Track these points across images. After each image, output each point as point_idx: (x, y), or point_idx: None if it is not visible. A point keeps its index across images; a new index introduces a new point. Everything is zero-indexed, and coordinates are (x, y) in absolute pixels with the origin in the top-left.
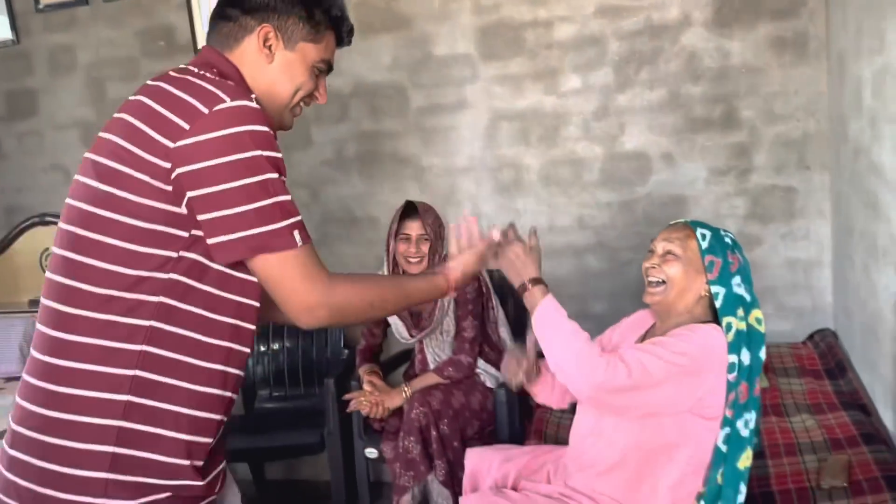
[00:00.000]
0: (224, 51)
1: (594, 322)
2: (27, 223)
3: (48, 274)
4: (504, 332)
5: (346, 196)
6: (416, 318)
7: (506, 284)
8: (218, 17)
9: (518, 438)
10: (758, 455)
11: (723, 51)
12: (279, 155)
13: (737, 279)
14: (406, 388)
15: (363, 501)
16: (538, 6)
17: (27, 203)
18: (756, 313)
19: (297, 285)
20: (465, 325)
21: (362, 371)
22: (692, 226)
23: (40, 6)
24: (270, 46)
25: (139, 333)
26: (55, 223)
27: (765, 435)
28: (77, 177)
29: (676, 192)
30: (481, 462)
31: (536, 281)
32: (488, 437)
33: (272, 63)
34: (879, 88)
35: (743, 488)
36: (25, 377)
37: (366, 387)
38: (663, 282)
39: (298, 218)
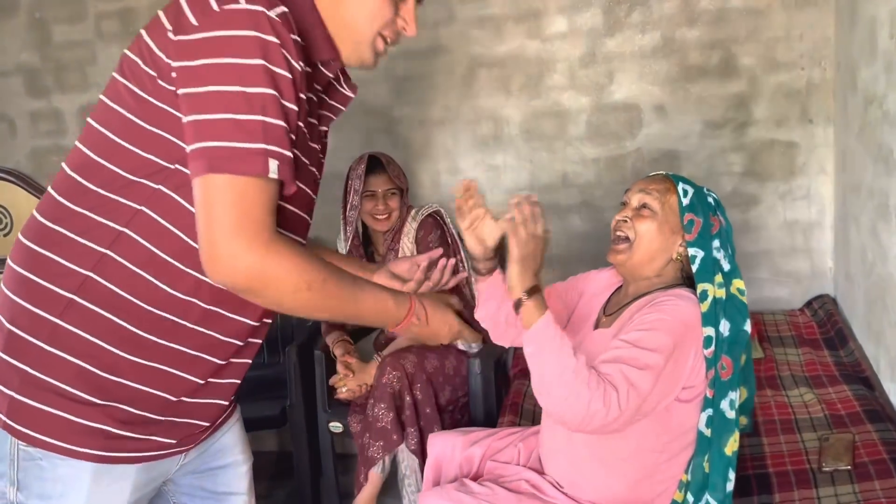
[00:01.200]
0: None
1: None
2: None
3: (62, 164)
4: (475, 287)
5: None
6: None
7: None
8: None
9: (492, 413)
10: (752, 432)
11: None
12: (288, 75)
13: (716, 242)
14: (377, 362)
15: (328, 475)
16: None
17: None
18: (738, 283)
19: (225, 221)
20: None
21: (331, 342)
22: (673, 179)
23: None
24: None
25: (107, 237)
26: (2, 178)
27: (759, 410)
28: (113, 73)
29: (668, 146)
30: (444, 447)
31: (533, 290)
32: (462, 405)
33: None
34: None
35: (732, 475)
36: (9, 262)
37: (339, 368)
38: (628, 239)
39: (283, 150)
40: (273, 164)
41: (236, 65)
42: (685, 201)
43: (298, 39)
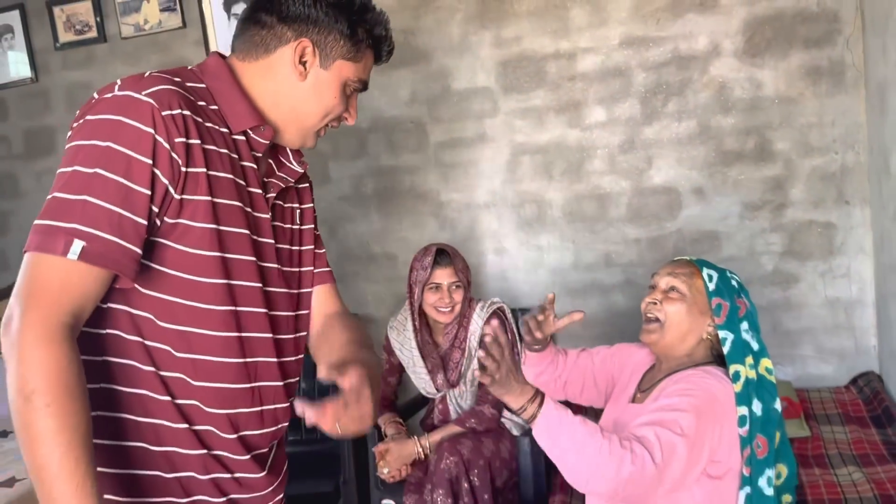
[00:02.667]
0: (248, 58)
1: None
2: None
3: None
4: (529, 378)
5: (363, 233)
6: (443, 371)
7: None
8: (249, 20)
9: (542, 493)
10: None
11: (754, 81)
12: (145, 160)
13: (745, 325)
14: (419, 442)
15: None
16: (561, 38)
17: None
18: (766, 362)
19: (17, 290)
20: None
21: (382, 421)
22: (698, 265)
23: (59, 44)
24: (306, 63)
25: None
26: None
27: (808, 489)
28: None
29: (708, 227)
30: None
31: (534, 398)
32: (512, 485)
33: (304, 81)
34: None
35: None
36: None
37: (379, 459)
38: (658, 320)
39: (100, 233)
40: (77, 245)
41: (86, 146)
42: (711, 286)
43: (188, 114)
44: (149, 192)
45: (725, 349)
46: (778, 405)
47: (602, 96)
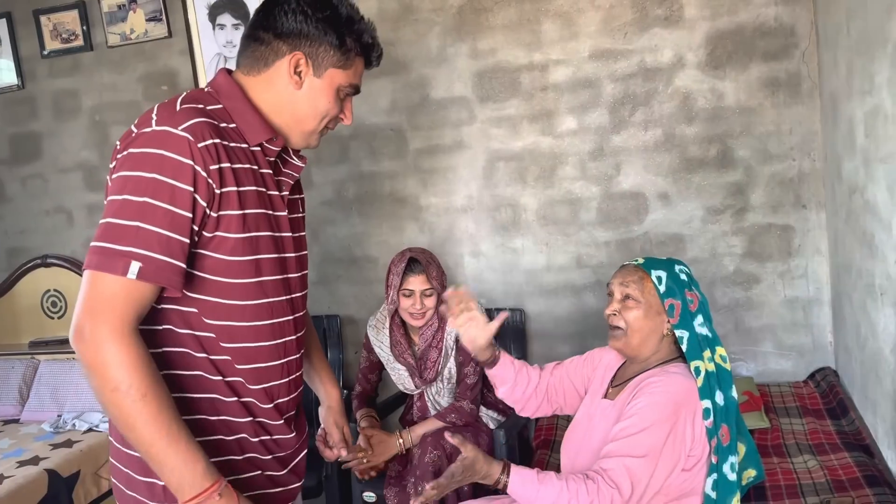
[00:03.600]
0: (251, 73)
1: None
2: (29, 265)
3: None
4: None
5: (345, 236)
6: (420, 369)
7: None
8: (249, 38)
9: (524, 451)
10: (759, 496)
11: (716, 91)
12: (186, 188)
13: (698, 319)
14: (401, 435)
15: None
16: (534, 50)
17: (30, 245)
18: (720, 350)
19: (82, 305)
20: (468, 371)
21: (359, 416)
22: (645, 268)
23: (45, 52)
24: (300, 73)
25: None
26: (57, 265)
27: (766, 476)
28: None
29: (673, 230)
30: None
31: (500, 469)
32: None
33: (300, 90)
34: (871, 129)
35: None
36: None
37: (360, 441)
38: (621, 327)
39: (154, 255)
40: (134, 266)
41: (133, 177)
42: (661, 288)
43: (217, 142)
44: (191, 215)
45: (683, 347)
46: (734, 392)
47: (573, 106)
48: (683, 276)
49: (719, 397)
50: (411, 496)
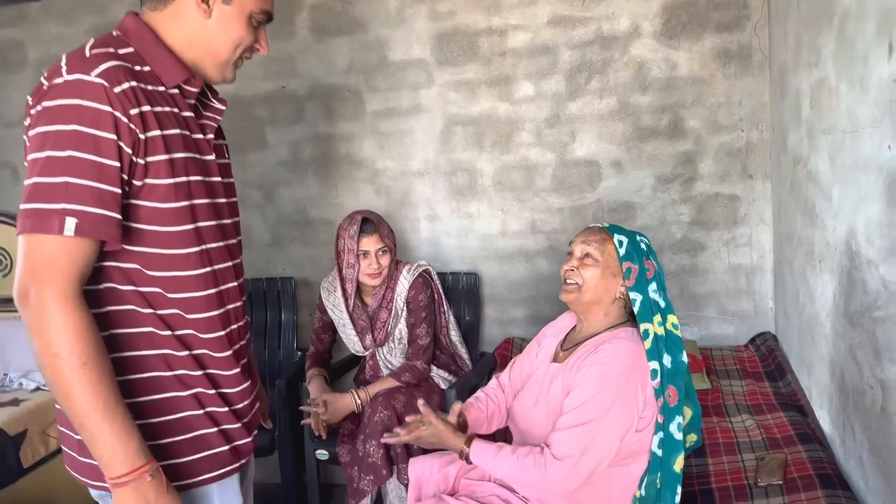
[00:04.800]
0: (157, 8)
1: (545, 324)
2: None
3: None
4: (454, 335)
5: (300, 198)
6: (371, 330)
7: (457, 288)
8: None
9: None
10: (699, 454)
11: (670, 62)
12: (109, 136)
13: (653, 285)
14: (356, 394)
15: (314, 502)
16: (493, 14)
17: None
18: (672, 318)
19: (23, 271)
20: (420, 331)
21: (309, 376)
22: (609, 231)
23: None
24: (208, 1)
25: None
26: (3, 222)
27: (706, 434)
28: None
29: (625, 198)
30: (423, 468)
31: (465, 440)
32: None
33: (210, 18)
34: (816, 100)
35: (679, 489)
36: None
37: (313, 406)
38: (578, 284)
39: (88, 209)
40: (70, 223)
41: (53, 132)
42: (621, 251)
43: (135, 85)
44: (118, 164)
45: (636, 308)
46: (684, 357)
47: (530, 72)
48: (643, 246)
49: (667, 360)
50: (360, 451)
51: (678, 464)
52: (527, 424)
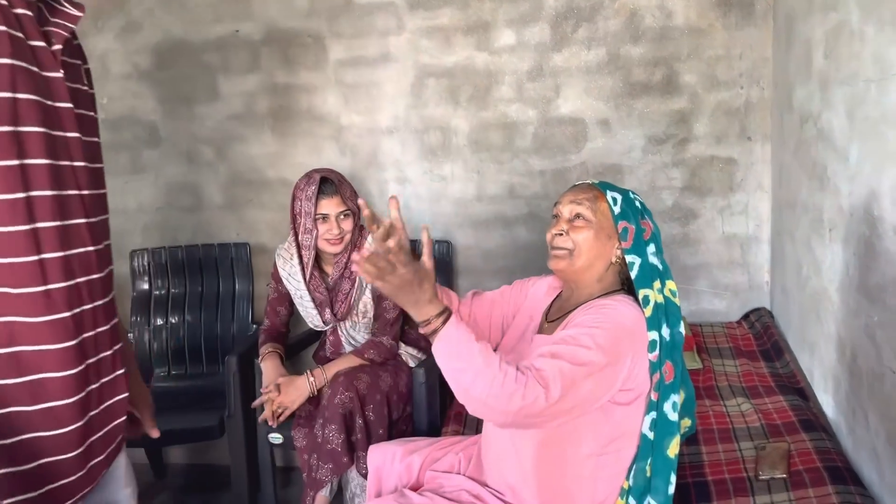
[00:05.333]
0: None
1: None
2: None
3: None
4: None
5: (256, 155)
6: (330, 303)
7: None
8: None
9: (436, 424)
10: (691, 441)
11: (665, 9)
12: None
13: (651, 247)
14: (311, 375)
15: (266, 490)
16: None
17: None
18: (670, 284)
19: None
20: (386, 304)
21: (262, 353)
22: (600, 188)
23: None
24: None
25: None
26: None
27: (699, 419)
28: None
29: (612, 161)
30: (384, 458)
31: (440, 309)
32: (407, 416)
33: None
34: (832, 48)
35: (673, 478)
36: None
37: (265, 393)
38: (570, 250)
39: None
40: None
41: None
42: (616, 209)
43: None
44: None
45: (633, 273)
46: (682, 328)
47: (512, 18)
48: (638, 204)
49: (665, 331)
50: (318, 436)
51: (672, 448)
52: None
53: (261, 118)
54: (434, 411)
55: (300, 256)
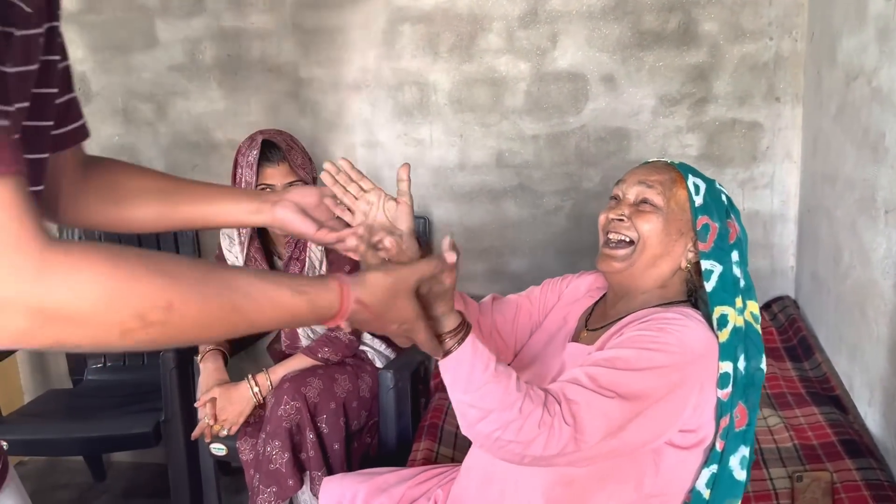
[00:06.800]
0: None
1: (511, 282)
2: None
3: None
4: None
5: (202, 114)
6: None
7: None
8: None
9: (406, 435)
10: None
11: None
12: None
13: (735, 254)
14: (253, 382)
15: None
16: None
17: None
18: (752, 306)
19: None
20: None
21: (201, 352)
22: (680, 169)
23: None
24: None
25: None
26: None
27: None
28: None
29: (617, 124)
30: (342, 497)
31: (457, 323)
32: (371, 425)
33: None
34: None
35: None
36: None
37: (199, 407)
38: (631, 241)
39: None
40: None
41: None
42: (698, 200)
43: None
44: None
45: (710, 285)
46: (764, 364)
47: None
48: (724, 198)
49: (742, 364)
50: (261, 454)
51: None
52: None
53: (206, 69)
54: (405, 421)
55: (240, 237)
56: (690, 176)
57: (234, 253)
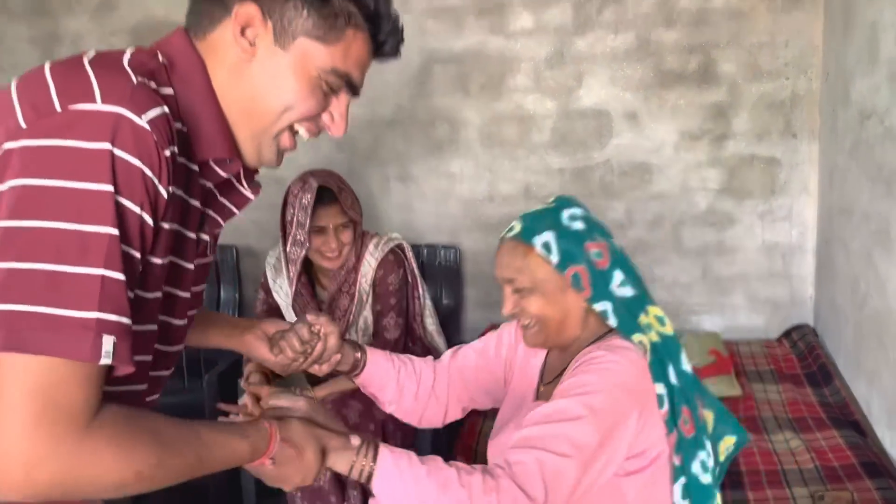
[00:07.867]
0: (197, 36)
1: None
2: None
3: None
4: (431, 323)
5: None
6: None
7: (434, 265)
8: None
9: (442, 454)
10: (735, 485)
11: None
12: (137, 210)
13: (615, 278)
14: (302, 394)
15: None
16: None
17: None
18: (653, 310)
19: (20, 414)
20: (387, 323)
21: (248, 370)
22: (524, 238)
23: None
24: (252, 36)
25: None
26: None
27: (741, 456)
28: None
29: (640, 159)
30: None
31: (357, 444)
32: (411, 450)
33: (253, 62)
34: None
35: None
36: None
37: (246, 399)
38: (531, 324)
39: (123, 319)
40: (109, 342)
41: (63, 190)
42: (554, 259)
43: (175, 151)
44: (138, 255)
45: (612, 322)
46: (685, 363)
47: None
48: (578, 226)
49: (672, 375)
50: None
51: None
52: None
53: None
54: (440, 443)
55: (289, 274)
56: (535, 238)
57: (279, 284)
